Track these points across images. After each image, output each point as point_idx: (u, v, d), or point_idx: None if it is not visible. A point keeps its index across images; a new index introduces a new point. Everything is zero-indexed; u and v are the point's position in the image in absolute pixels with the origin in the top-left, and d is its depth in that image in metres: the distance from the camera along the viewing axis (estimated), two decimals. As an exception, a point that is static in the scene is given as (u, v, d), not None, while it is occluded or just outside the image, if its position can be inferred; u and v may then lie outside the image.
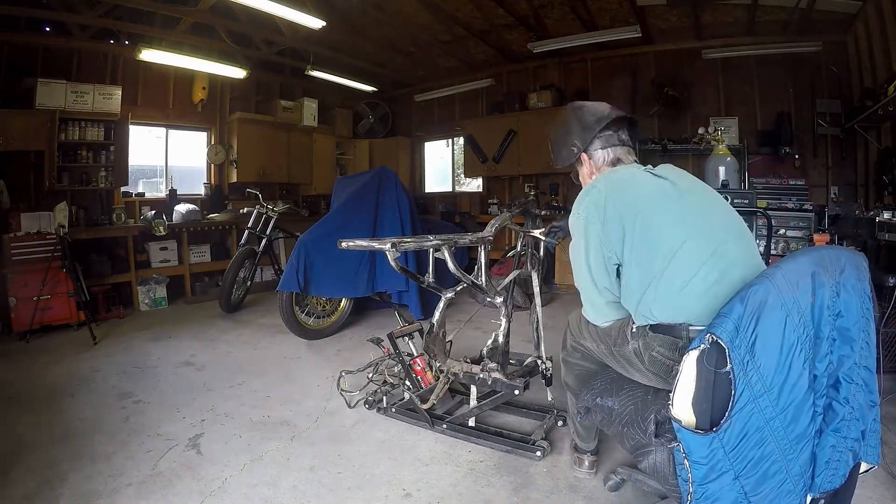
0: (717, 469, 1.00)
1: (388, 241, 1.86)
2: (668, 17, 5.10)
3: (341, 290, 3.79)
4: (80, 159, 4.80)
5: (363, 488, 1.82)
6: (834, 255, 1.11)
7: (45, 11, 4.46)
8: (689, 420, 1.04)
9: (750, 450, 1.00)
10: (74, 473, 1.90)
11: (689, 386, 1.05)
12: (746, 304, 0.99)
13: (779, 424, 1.01)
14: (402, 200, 4.12)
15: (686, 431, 1.02)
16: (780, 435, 1.02)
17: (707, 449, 1.00)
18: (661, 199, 1.36)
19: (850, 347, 1.10)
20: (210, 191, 6.07)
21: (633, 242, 1.34)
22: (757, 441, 1.00)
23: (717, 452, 1.00)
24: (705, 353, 1.01)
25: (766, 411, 1.00)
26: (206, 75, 5.72)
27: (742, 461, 1.00)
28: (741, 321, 0.98)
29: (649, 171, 1.46)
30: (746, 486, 1.01)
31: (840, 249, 1.15)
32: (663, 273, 1.28)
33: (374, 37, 5.75)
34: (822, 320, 1.07)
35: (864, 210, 3.61)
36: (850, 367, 1.09)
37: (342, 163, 7.51)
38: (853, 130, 4.19)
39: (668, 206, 1.34)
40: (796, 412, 1.03)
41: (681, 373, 1.05)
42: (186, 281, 5.36)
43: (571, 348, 1.71)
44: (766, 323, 0.99)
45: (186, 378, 2.97)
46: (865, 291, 1.14)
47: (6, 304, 3.80)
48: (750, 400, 0.99)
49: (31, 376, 3.01)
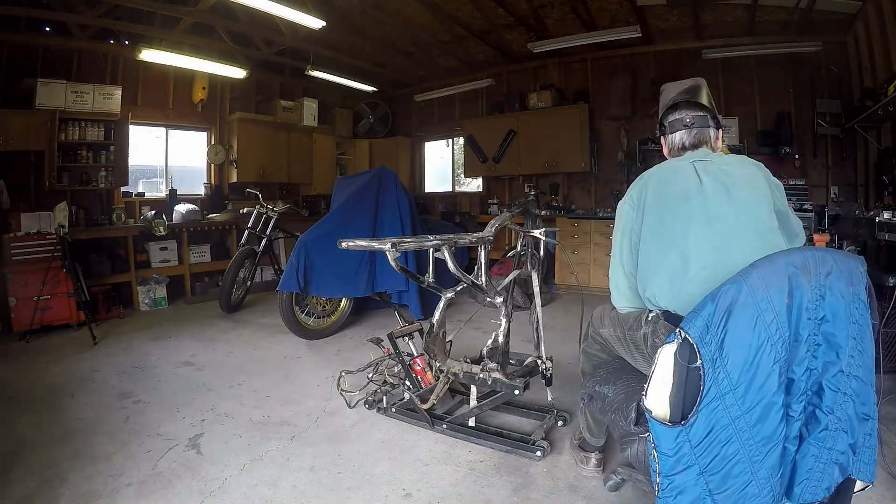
0: (683, 462, 1.02)
1: (388, 241, 1.86)
2: (668, 17, 5.10)
3: (341, 290, 3.79)
4: (80, 159, 4.80)
5: (363, 488, 1.82)
6: (819, 257, 1.07)
7: (45, 11, 4.45)
8: (663, 412, 1.06)
9: (715, 446, 1.01)
10: (74, 473, 1.90)
11: (664, 379, 1.06)
12: (718, 302, 1.00)
13: (744, 424, 1.01)
14: (403, 200, 4.12)
15: (655, 422, 1.04)
16: (746, 435, 1.02)
17: (673, 441, 1.01)
18: (684, 199, 1.40)
19: (835, 354, 1.06)
20: (210, 191, 6.07)
21: (649, 232, 1.44)
22: (722, 439, 1.01)
23: (684, 446, 1.01)
24: (679, 348, 1.03)
25: (731, 409, 1.01)
26: (206, 75, 5.72)
27: (707, 456, 1.01)
28: (712, 319, 1.00)
29: (694, 167, 1.45)
30: (711, 483, 1.02)
31: (828, 251, 1.10)
32: (666, 263, 1.36)
33: (374, 37, 5.75)
34: (801, 323, 1.04)
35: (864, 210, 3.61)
36: (835, 374, 1.06)
37: (342, 163, 7.51)
38: (853, 130, 4.19)
39: (688, 204, 1.39)
40: (763, 413, 1.02)
41: (656, 364, 1.07)
42: (186, 281, 5.36)
43: (591, 339, 1.77)
44: (735, 321, 1.00)
45: (186, 378, 2.97)
46: (859, 297, 1.08)
47: (6, 304, 3.80)
48: (717, 397, 1.00)
49: (31, 376, 3.01)
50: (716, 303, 1.00)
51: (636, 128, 5.72)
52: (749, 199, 1.39)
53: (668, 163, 1.55)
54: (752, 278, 1.02)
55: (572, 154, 5.97)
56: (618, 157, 5.78)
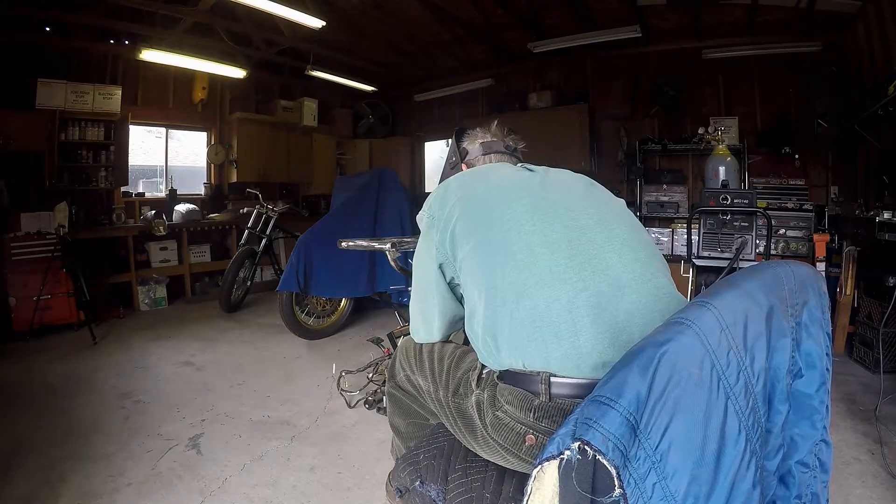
0: None
1: (388, 241, 1.86)
2: (668, 17, 5.09)
3: (341, 290, 3.79)
4: (80, 159, 4.80)
5: (363, 488, 1.82)
6: (796, 276, 0.75)
7: (45, 11, 4.45)
8: None
9: None
10: (74, 473, 1.90)
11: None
12: (654, 375, 0.52)
13: None
14: (403, 200, 4.12)
15: None
16: None
17: None
18: (515, 191, 1.01)
19: (809, 423, 0.73)
20: (210, 191, 6.07)
21: (470, 246, 0.98)
22: None
23: None
24: (573, 467, 0.50)
25: None
26: (206, 75, 5.72)
27: None
28: (642, 412, 0.51)
29: (524, 167, 1.16)
30: None
31: (798, 265, 0.78)
32: (505, 291, 0.89)
33: (374, 37, 5.75)
34: (776, 392, 0.68)
35: (864, 210, 3.61)
36: (807, 450, 0.73)
37: (342, 163, 7.51)
38: (853, 130, 4.18)
39: (522, 198, 0.99)
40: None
41: (530, 494, 0.54)
42: (186, 281, 5.35)
43: (404, 378, 1.23)
44: (686, 413, 0.54)
45: (186, 378, 2.98)
46: (827, 329, 0.76)
47: (6, 303, 3.80)
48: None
49: (31, 376, 3.01)
50: (650, 376, 0.53)
51: (636, 128, 5.72)
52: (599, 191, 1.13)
53: (482, 166, 1.33)
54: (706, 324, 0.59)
55: (572, 154, 5.96)
56: (618, 157, 5.78)
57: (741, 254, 3.15)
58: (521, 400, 0.86)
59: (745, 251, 3.19)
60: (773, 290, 0.70)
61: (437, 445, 1.05)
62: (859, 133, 4.03)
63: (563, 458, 0.51)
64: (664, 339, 0.56)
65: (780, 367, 0.68)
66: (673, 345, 0.55)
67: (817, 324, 0.74)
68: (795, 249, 4.25)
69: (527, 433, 0.85)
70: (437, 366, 1.10)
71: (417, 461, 1.04)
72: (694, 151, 5.24)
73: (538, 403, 0.84)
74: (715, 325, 0.59)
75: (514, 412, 0.87)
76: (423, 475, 1.00)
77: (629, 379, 0.52)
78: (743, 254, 3.16)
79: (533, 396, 0.85)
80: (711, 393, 0.57)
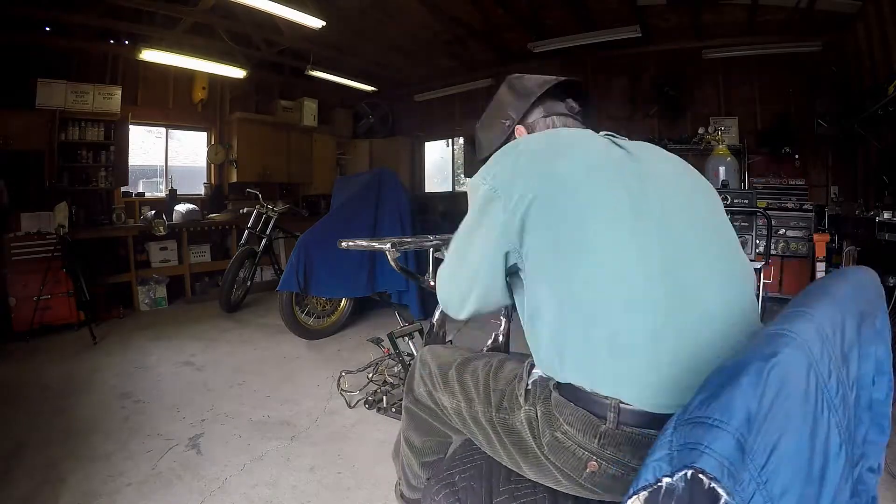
0: None
1: (388, 240, 1.86)
2: (668, 16, 5.09)
3: (341, 290, 3.79)
4: (80, 159, 4.80)
5: (363, 488, 1.82)
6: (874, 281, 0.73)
7: (45, 11, 4.45)
8: None
9: None
10: (74, 473, 1.90)
11: None
12: (764, 390, 0.49)
13: None
14: (403, 201, 4.12)
15: None
16: None
17: None
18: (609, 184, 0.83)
19: (879, 429, 0.70)
20: (210, 191, 6.07)
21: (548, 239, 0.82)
22: None
23: None
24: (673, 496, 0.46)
25: None
26: (206, 75, 5.72)
27: None
28: (751, 432, 0.47)
29: (612, 140, 0.93)
30: None
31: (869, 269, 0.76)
32: (584, 304, 0.78)
33: (374, 37, 5.75)
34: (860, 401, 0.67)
35: (864, 210, 3.62)
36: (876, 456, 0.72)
37: (342, 163, 7.51)
38: (853, 130, 4.19)
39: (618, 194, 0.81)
40: None
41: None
42: (186, 281, 5.35)
43: (425, 394, 1.13)
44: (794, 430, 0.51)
45: (186, 378, 2.97)
46: None
47: (6, 303, 3.80)
48: None
49: (31, 376, 3.01)
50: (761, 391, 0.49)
51: (636, 128, 5.72)
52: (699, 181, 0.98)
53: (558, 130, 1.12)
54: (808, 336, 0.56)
55: (572, 154, 5.96)
56: (618, 157, 5.78)
57: (741, 254, 3.14)
58: (585, 424, 0.79)
59: (745, 251, 3.18)
60: (861, 297, 0.69)
61: (473, 465, 0.97)
62: (859, 133, 4.03)
63: (659, 486, 0.47)
64: (771, 351, 0.52)
65: (866, 375, 0.67)
66: (781, 357, 0.51)
67: (886, 328, 0.71)
68: (795, 249, 4.25)
69: (589, 459, 0.80)
70: (469, 379, 1.01)
71: (453, 482, 0.95)
72: (694, 151, 5.24)
73: (604, 430, 0.78)
74: (816, 336, 0.57)
75: (577, 436, 0.80)
76: (462, 498, 0.92)
77: (738, 396, 0.48)
78: (743, 254, 3.15)
79: (599, 421, 0.78)
80: (816, 407, 0.54)
